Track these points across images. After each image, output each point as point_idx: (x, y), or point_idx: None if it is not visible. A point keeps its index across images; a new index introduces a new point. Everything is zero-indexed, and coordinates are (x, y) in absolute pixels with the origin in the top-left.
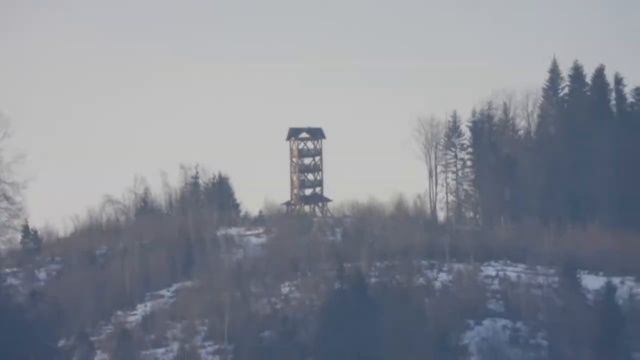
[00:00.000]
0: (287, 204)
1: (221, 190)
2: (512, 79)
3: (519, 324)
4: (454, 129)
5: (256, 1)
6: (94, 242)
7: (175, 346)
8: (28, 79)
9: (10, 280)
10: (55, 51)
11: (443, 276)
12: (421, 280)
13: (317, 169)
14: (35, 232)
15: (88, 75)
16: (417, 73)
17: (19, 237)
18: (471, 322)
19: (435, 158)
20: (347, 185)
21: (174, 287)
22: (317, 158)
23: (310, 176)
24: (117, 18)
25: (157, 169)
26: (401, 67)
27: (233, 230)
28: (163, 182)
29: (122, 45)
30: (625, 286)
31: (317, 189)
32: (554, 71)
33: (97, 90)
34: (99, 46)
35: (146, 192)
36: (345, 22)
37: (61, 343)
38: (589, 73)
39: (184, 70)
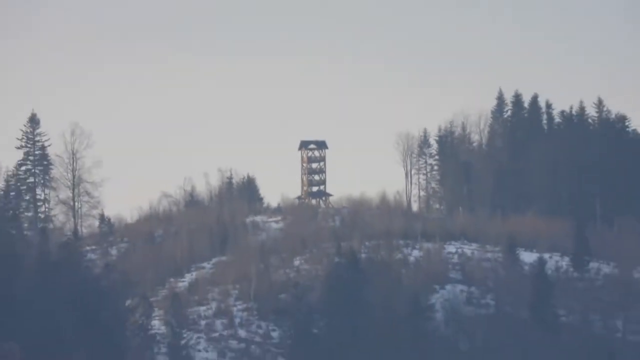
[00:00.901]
0: (299, 198)
1: (249, 187)
2: (469, 103)
3: (472, 289)
4: (424, 142)
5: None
6: (153, 227)
7: (213, 305)
8: (104, 95)
9: (90, 256)
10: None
11: (416, 252)
12: (399, 256)
13: (321, 171)
14: (109, 219)
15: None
16: (397, 97)
17: (96, 223)
18: (437, 287)
19: (410, 163)
20: (344, 183)
21: (213, 260)
22: (321, 163)
23: (317, 177)
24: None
25: (201, 172)
26: (385, 91)
27: (258, 218)
28: (205, 181)
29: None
30: (553, 260)
31: (321, 187)
32: (500, 98)
33: (151, 106)
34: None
35: (192, 188)
36: (349, 55)
37: (128, 303)
38: (526, 99)
39: (219, 94)
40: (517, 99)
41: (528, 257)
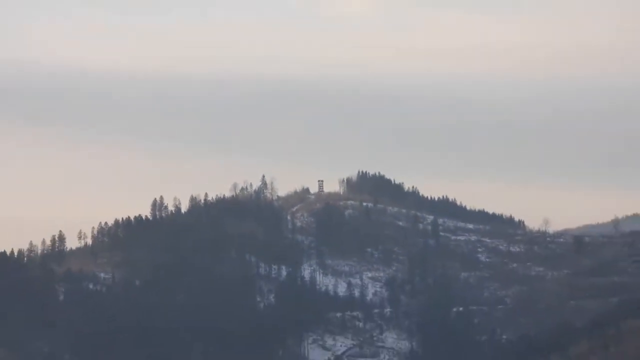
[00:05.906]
0: (317, 193)
1: (307, 191)
2: (356, 170)
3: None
4: (344, 180)
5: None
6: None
7: (298, 220)
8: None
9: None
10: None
11: (346, 204)
12: (343, 205)
13: (322, 187)
14: (278, 196)
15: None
16: (338, 168)
17: (278, 201)
18: (353, 212)
19: (340, 184)
20: (329, 188)
21: (299, 205)
22: (322, 184)
23: (321, 188)
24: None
25: (302, 186)
26: (334, 163)
27: (309, 196)
28: (301, 189)
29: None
30: (380, 207)
31: (322, 190)
32: (359, 171)
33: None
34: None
35: (296, 192)
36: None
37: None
38: (366, 173)
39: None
40: (363, 172)
41: (373, 207)
